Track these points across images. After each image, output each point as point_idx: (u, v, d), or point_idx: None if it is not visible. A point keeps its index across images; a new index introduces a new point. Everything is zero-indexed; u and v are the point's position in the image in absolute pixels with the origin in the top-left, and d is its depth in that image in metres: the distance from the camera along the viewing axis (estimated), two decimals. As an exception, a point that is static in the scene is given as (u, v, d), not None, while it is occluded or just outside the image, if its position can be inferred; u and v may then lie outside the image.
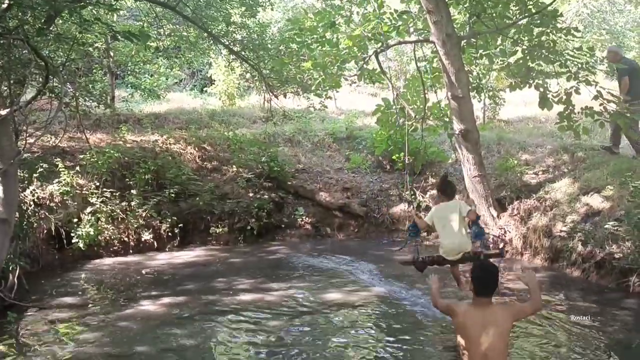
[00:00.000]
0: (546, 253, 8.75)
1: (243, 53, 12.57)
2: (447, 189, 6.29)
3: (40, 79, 6.87)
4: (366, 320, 6.60)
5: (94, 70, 12.94)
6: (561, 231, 8.58)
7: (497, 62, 10.82)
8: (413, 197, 11.36)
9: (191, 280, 8.08)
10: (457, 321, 3.91)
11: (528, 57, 9.75)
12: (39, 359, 5.26)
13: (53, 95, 7.49)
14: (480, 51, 10.36)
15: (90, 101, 10.77)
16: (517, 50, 10.18)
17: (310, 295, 7.28)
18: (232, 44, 12.64)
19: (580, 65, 9.27)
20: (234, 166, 11.73)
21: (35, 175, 8.73)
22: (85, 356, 5.36)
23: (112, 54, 13.71)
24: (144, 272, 8.63)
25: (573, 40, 10.04)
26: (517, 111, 15.88)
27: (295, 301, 7.06)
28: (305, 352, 5.42)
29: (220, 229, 10.57)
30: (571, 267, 8.23)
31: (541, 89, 9.55)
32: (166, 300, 7.09)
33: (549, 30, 9.44)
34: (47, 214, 8.93)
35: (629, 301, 6.98)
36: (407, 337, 5.79)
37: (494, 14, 9.54)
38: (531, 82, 9.75)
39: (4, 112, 5.84)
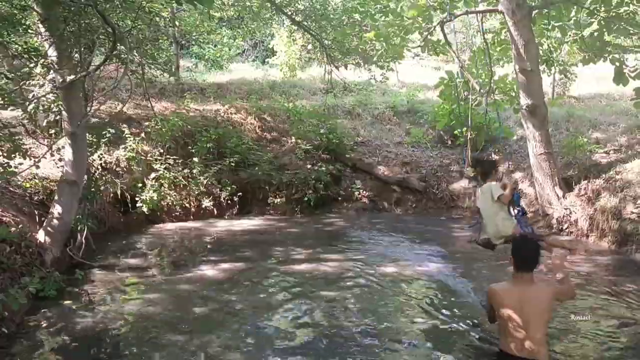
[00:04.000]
0: (614, 236, 8.37)
1: (305, 23, 12.48)
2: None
3: (108, 45, 7.03)
4: (418, 295, 6.52)
5: (160, 40, 13.17)
6: (632, 213, 8.18)
7: (570, 35, 10.27)
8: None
9: (249, 247, 8.22)
10: (496, 300, 3.83)
11: (604, 29, 9.21)
12: (103, 315, 5.49)
13: (120, 62, 7.66)
14: (553, 22, 9.85)
15: (155, 69, 10.98)
16: (593, 22, 9.62)
17: (364, 268, 7.27)
18: (294, 13, 12.57)
19: (661, 39, 8.71)
20: (292, 137, 11.78)
21: (103, 140, 9.02)
22: (146, 314, 5.56)
23: (177, 23, 13.93)
24: (204, 238, 8.85)
25: (655, 12, 9.41)
26: (588, 87, 15.14)
27: (351, 272, 7.07)
28: (357, 322, 5.42)
29: (278, 199, 10.68)
30: (641, 252, 7.86)
31: (617, 64, 9.03)
32: (225, 265, 7.26)
33: (628, 0, 8.86)
34: (113, 178, 9.25)
35: (703, 290, 6.60)
36: (454, 316, 5.69)
37: (570, -18, 9.05)
38: (606, 56, 9.22)
39: (73, 76, 6.02)
